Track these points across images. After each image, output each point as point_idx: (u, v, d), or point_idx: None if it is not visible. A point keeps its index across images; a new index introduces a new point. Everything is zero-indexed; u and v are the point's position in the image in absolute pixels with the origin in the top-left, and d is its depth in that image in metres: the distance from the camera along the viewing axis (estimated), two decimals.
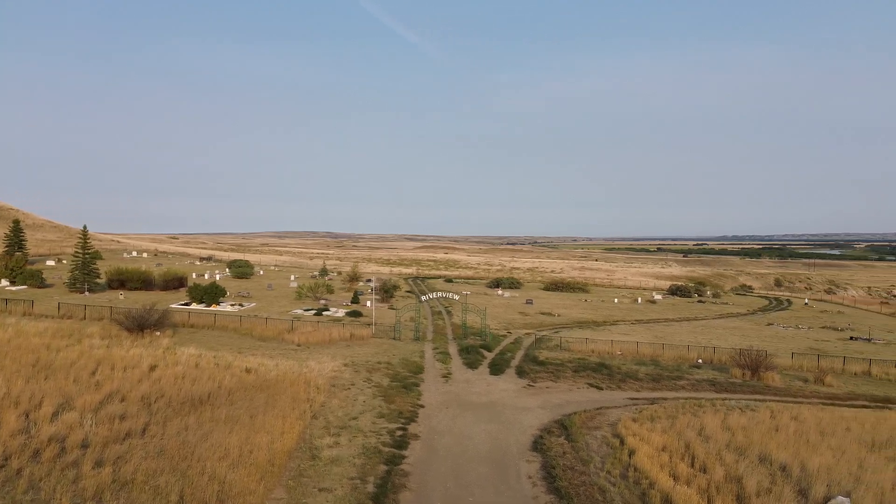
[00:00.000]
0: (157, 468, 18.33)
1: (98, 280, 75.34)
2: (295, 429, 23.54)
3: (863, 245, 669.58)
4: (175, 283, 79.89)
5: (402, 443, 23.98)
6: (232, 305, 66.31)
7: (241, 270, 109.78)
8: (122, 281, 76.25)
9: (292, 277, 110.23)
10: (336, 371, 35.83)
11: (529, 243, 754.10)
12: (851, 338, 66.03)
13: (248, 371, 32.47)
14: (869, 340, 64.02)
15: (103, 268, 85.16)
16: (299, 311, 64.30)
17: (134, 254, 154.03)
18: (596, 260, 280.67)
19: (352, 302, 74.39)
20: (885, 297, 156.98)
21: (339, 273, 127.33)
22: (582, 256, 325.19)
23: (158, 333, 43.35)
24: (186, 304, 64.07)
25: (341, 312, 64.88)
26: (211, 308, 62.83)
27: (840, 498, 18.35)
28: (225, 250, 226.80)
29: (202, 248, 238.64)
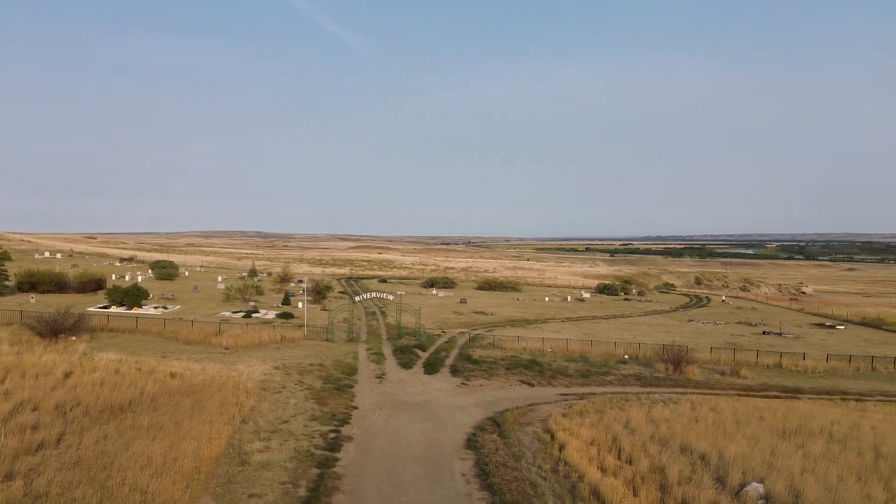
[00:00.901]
0: (74, 480, 17.36)
1: (7, 282, 70.61)
2: (223, 434, 22.82)
3: (774, 245, 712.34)
4: (92, 285, 75.93)
5: (335, 445, 23.68)
6: (155, 308, 63.63)
7: (165, 272, 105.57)
8: (34, 283, 71.82)
9: (220, 279, 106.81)
10: (266, 374, 34.99)
11: (463, 243, 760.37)
12: (764, 332, 70.06)
13: (172, 376, 31.21)
14: (780, 335, 68.12)
15: (12, 269, 79.95)
16: (227, 314, 62.41)
17: (47, 254, 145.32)
18: (528, 260, 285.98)
19: (283, 303, 72.79)
20: (794, 294, 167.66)
21: (270, 274, 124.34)
22: (514, 256, 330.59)
23: (74, 338, 41.06)
24: (105, 308, 61.00)
25: (272, 314, 63.40)
26: (132, 311, 60.08)
27: (754, 484, 19.43)
28: (147, 251, 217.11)
29: (123, 248, 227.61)
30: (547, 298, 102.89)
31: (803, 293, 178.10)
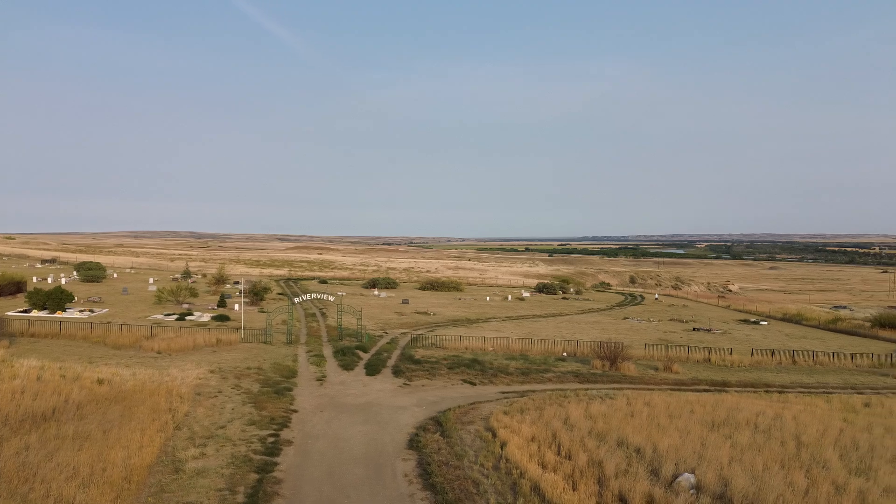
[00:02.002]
0: None
1: None
2: (155, 442, 21.95)
3: (703, 245, 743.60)
4: (11, 287, 71.63)
5: (274, 450, 23.17)
6: (81, 312, 60.59)
7: (92, 273, 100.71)
8: None
9: (151, 280, 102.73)
10: (201, 378, 33.88)
11: (405, 244, 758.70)
12: (694, 329, 73.00)
13: (100, 382, 29.78)
14: (709, 331, 71.12)
15: None
16: (159, 317, 60.09)
17: None
18: (469, 260, 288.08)
19: (218, 305, 70.68)
20: (722, 292, 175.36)
21: (204, 275, 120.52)
22: (456, 256, 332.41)
23: None
24: (26, 312, 57.68)
25: (207, 317, 61.46)
26: (56, 315, 56.98)
27: (686, 474, 20.20)
28: (72, 251, 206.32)
29: (45, 249, 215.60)
30: (488, 298, 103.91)
31: (730, 291, 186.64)
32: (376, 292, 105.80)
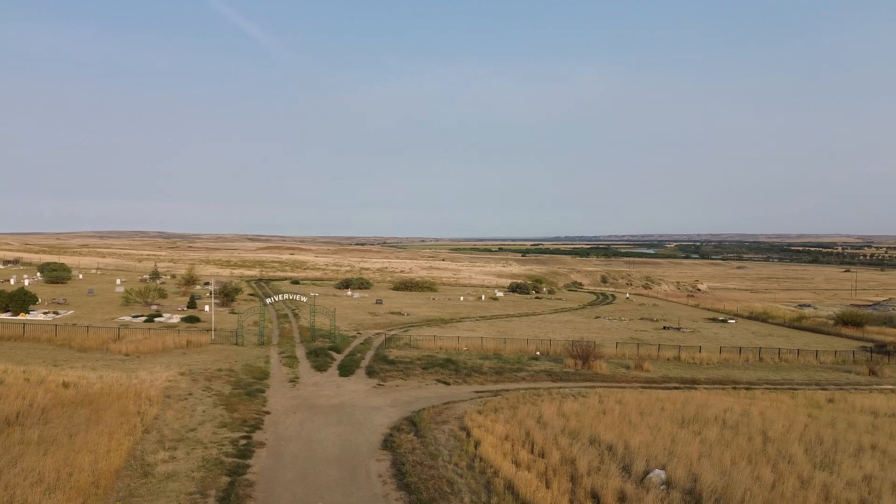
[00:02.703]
0: None
1: None
2: (123, 446, 21.52)
3: (673, 245, 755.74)
4: None
5: (246, 452, 22.90)
6: (45, 314, 59.11)
7: (56, 274, 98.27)
8: None
9: (118, 281, 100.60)
10: (171, 381, 33.31)
11: (379, 244, 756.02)
12: (664, 327, 74.16)
13: (66, 386, 29.10)
14: (678, 329, 72.32)
15: None
16: (127, 318, 58.93)
17: None
18: (443, 260, 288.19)
19: (188, 307, 69.53)
20: (691, 291, 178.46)
21: (174, 276, 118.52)
22: (430, 256, 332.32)
23: None
24: None
25: (176, 318, 60.44)
26: (18, 317, 55.51)
27: (657, 470, 20.53)
28: (35, 252, 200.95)
29: (7, 249, 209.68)
30: (462, 298, 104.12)
31: (699, 290, 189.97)
32: (350, 293, 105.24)
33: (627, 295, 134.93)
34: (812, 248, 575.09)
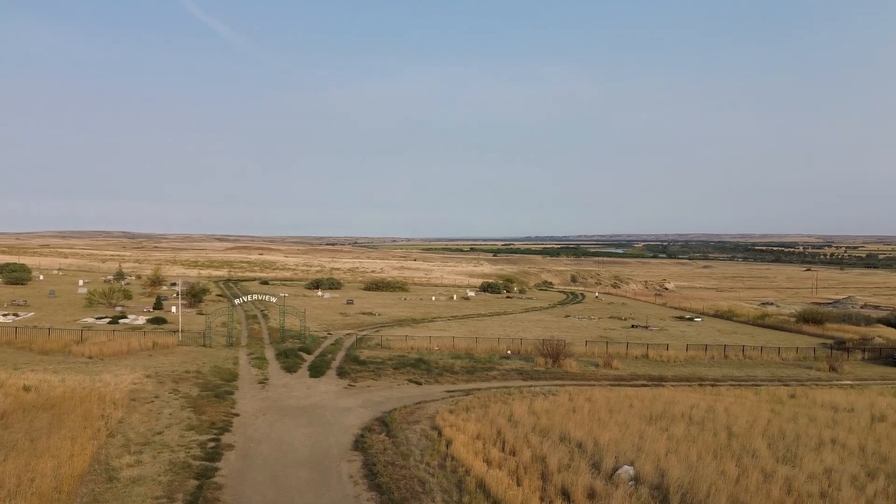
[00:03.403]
0: None
1: None
2: (87, 450, 21.03)
3: (641, 245, 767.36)
4: None
5: (214, 455, 22.57)
6: (4, 316, 57.41)
7: (16, 275, 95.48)
8: None
9: (81, 282, 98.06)
10: (137, 383, 32.65)
11: (350, 244, 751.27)
12: (633, 326, 75.26)
13: (26, 389, 28.32)
14: (646, 328, 73.46)
15: None
16: (90, 320, 57.54)
17: None
18: (415, 260, 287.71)
19: (154, 308, 68.20)
20: (658, 290, 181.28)
21: (139, 277, 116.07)
22: (401, 256, 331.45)
23: None
24: None
25: (142, 320, 59.23)
26: None
27: (626, 466, 20.85)
28: None
29: None
30: (433, 297, 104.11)
31: (666, 289, 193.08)
32: (320, 293, 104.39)
33: (597, 294, 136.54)
34: (775, 248, 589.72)
